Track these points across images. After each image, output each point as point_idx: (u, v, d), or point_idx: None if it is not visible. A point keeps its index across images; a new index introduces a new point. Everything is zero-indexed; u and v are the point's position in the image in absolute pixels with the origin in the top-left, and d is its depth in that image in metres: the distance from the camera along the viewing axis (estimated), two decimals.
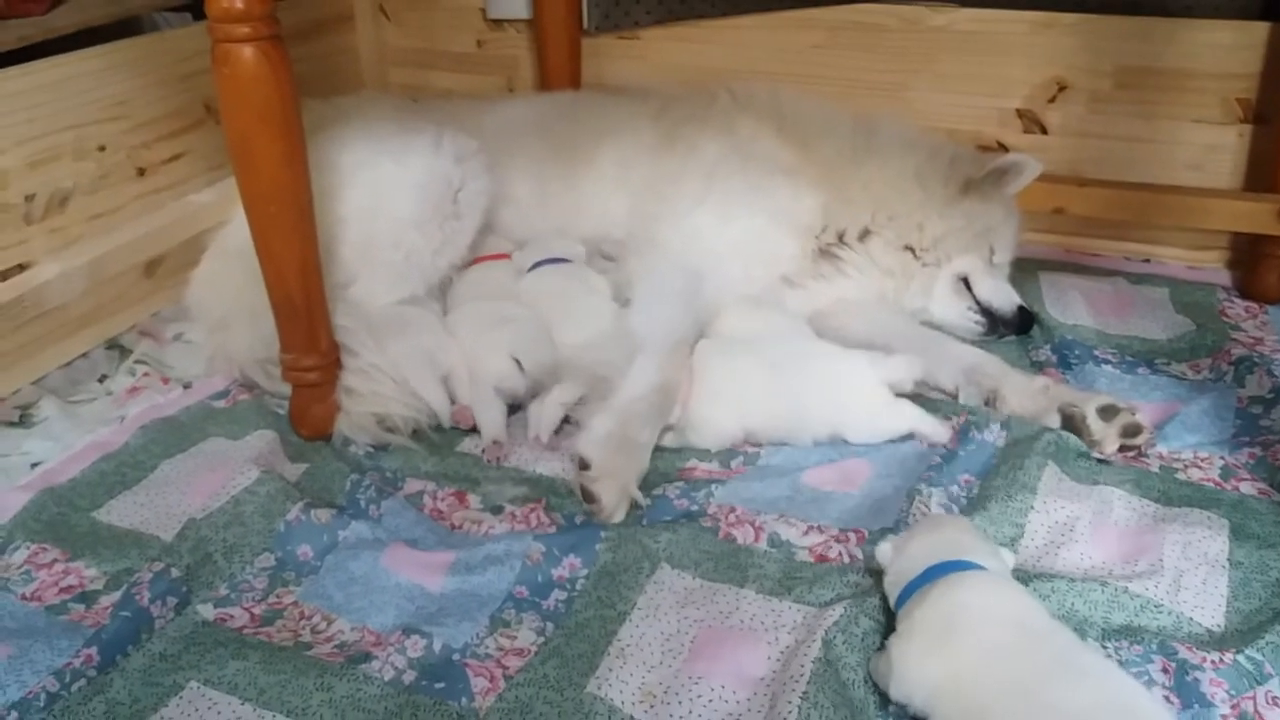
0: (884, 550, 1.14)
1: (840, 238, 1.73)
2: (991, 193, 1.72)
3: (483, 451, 1.47)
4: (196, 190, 1.91)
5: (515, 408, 1.55)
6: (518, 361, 1.51)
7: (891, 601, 1.09)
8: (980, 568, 1.06)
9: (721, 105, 1.84)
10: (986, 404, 1.51)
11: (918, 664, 0.99)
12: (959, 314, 1.72)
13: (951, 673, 0.97)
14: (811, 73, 2.08)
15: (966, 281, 1.72)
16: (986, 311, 1.71)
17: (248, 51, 1.25)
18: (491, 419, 1.49)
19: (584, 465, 1.33)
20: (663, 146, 1.80)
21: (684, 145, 1.77)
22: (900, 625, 1.05)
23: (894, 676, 1.00)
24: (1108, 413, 1.42)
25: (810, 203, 1.72)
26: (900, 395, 1.47)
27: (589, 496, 1.31)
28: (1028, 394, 1.49)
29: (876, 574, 1.15)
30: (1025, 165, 1.70)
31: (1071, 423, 1.43)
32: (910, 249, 1.72)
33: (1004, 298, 1.72)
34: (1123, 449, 1.40)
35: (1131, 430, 1.40)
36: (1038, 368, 1.63)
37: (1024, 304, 1.72)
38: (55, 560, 1.27)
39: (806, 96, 1.88)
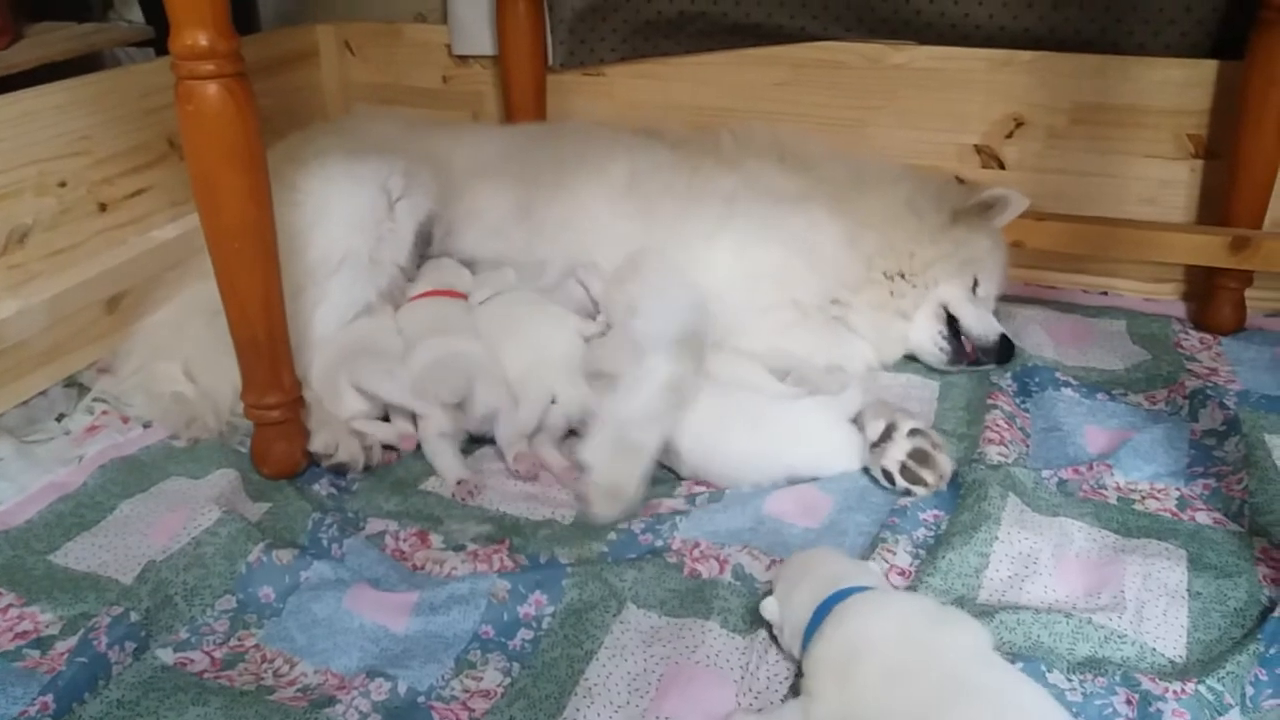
0: (770, 607, 1.13)
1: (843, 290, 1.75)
2: (978, 223, 1.75)
3: (452, 495, 1.46)
4: (159, 226, 1.89)
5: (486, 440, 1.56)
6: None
7: (795, 651, 1.10)
8: (862, 588, 1.09)
9: (725, 145, 1.87)
10: (853, 421, 1.51)
11: (836, 699, 1.00)
12: (929, 338, 1.75)
13: (856, 702, 0.98)
14: (775, 109, 2.11)
15: (947, 311, 1.75)
16: (951, 341, 1.74)
17: (212, 89, 1.24)
18: (446, 465, 1.50)
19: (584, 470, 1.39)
20: (679, 168, 1.82)
21: (701, 174, 1.80)
22: (806, 668, 1.05)
23: (813, 712, 1.01)
24: (913, 434, 1.43)
25: (832, 231, 1.73)
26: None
27: (585, 500, 1.37)
28: (883, 409, 1.49)
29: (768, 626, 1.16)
30: (1011, 200, 1.75)
31: (887, 431, 1.43)
32: (901, 275, 1.75)
33: (986, 326, 1.75)
34: (904, 469, 1.41)
35: (919, 456, 1.41)
36: (995, 389, 1.65)
37: (1006, 334, 1.75)
38: (10, 605, 1.25)
39: (801, 134, 1.93)
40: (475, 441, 1.58)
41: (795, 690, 1.09)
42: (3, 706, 1.08)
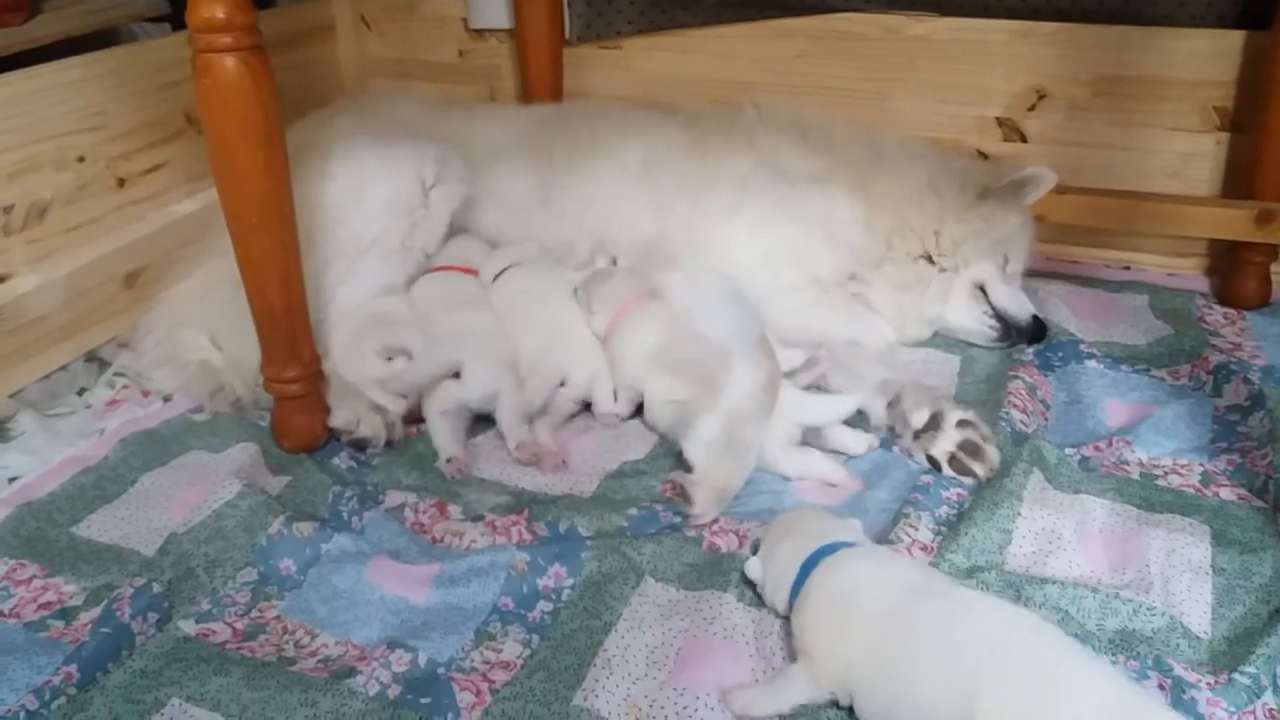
0: (754, 565, 1.17)
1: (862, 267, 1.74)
2: (1008, 201, 1.74)
3: (444, 471, 1.46)
4: (177, 201, 1.90)
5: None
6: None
7: (780, 607, 1.13)
8: (847, 544, 1.11)
9: (747, 119, 1.86)
10: (890, 405, 1.51)
11: (830, 652, 1.02)
12: (975, 319, 1.74)
13: (860, 646, 1.00)
14: (794, 82, 2.09)
15: (982, 289, 1.74)
16: (1000, 319, 1.73)
17: (229, 62, 1.24)
18: (441, 441, 1.49)
19: (686, 468, 1.36)
20: (691, 152, 1.81)
21: (713, 157, 1.79)
22: (797, 628, 1.08)
23: (816, 670, 1.03)
24: (962, 425, 1.43)
25: (848, 213, 1.73)
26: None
27: (686, 498, 1.33)
28: (924, 397, 1.50)
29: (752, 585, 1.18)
30: (1044, 177, 1.73)
31: (933, 421, 1.44)
32: (927, 257, 1.74)
33: (1019, 306, 1.74)
34: (953, 460, 1.41)
35: (969, 448, 1.41)
36: (1017, 364, 1.65)
37: (1038, 314, 1.74)
38: (34, 576, 1.26)
39: (823, 112, 1.91)
40: (482, 420, 1.56)
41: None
42: (28, 676, 1.09)
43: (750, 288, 1.63)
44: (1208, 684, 1.06)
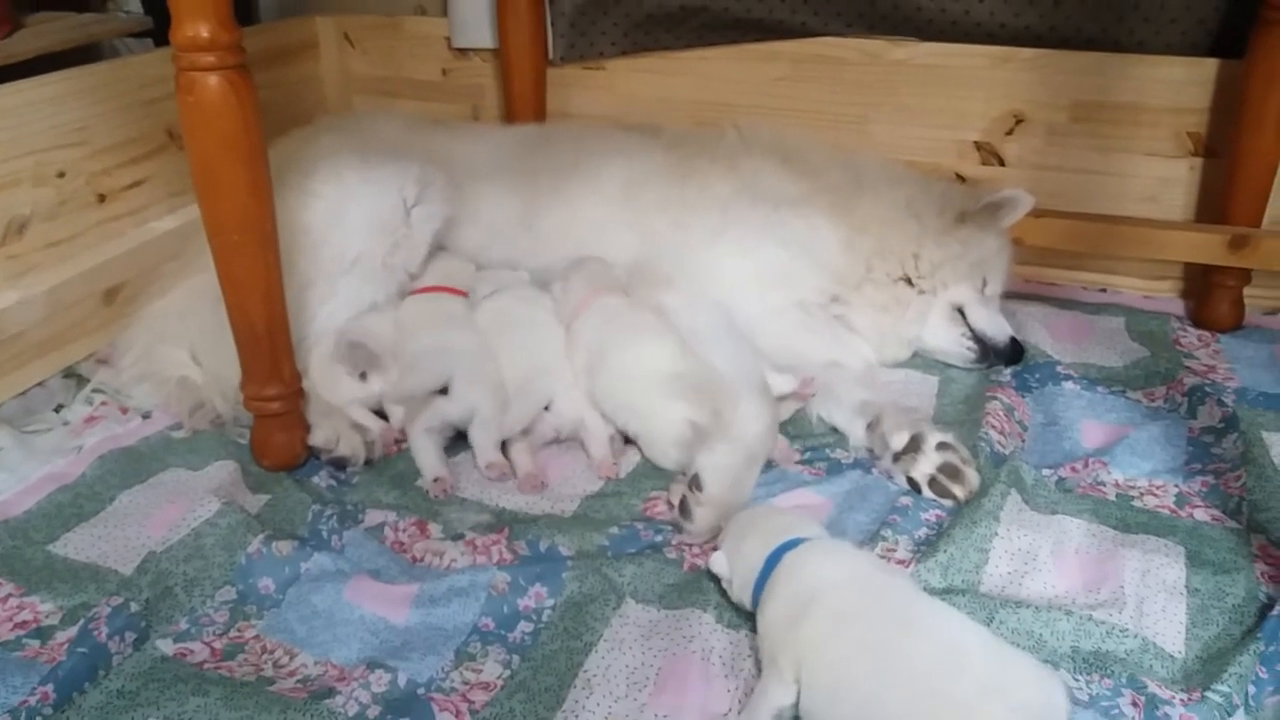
0: (719, 560, 1.19)
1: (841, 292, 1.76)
2: (986, 224, 1.76)
3: (428, 491, 1.45)
4: (157, 217, 1.90)
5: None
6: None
7: (746, 603, 1.15)
8: (808, 539, 1.14)
9: (729, 141, 1.87)
10: (869, 427, 1.52)
11: (787, 642, 1.04)
12: (953, 341, 1.75)
13: (810, 641, 1.02)
14: (775, 105, 2.11)
15: (961, 311, 1.76)
16: (979, 340, 1.74)
17: (213, 80, 1.24)
18: (427, 461, 1.48)
19: (696, 485, 1.34)
20: (674, 174, 1.82)
21: (695, 181, 1.80)
22: (762, 626, 1.09)
23: (781, 664, 1.03)
24: (942, 448, 1.44)
25: (829, 236, 1.74)
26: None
27: (687, 514, 1.32)
28: (903, 419, 1.50)
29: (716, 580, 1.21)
30: (1020, 200, 1.75)
31: (913, 443, 1.45)
32: (906, 279, 1.76)
33: (997, 328, 1.75)
34: (933, 482, 1.42)
35: (949, 470, 1.42)
36: (995, 385, 1.66)
37: (1015, 335, 1.75)
38: (9, 595, 1.25)
39: (805, 135, 1.93)
40: (461, 438, 1.55)
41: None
42: (2, 696, 1.08)
43: (737, 311, 1.64)
44: (1181, 700, 1.07)
